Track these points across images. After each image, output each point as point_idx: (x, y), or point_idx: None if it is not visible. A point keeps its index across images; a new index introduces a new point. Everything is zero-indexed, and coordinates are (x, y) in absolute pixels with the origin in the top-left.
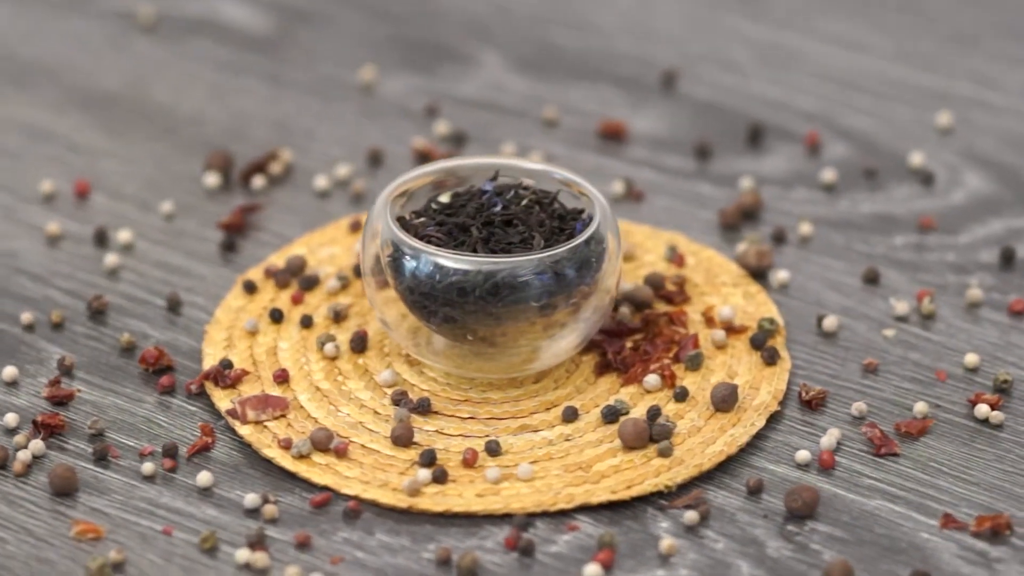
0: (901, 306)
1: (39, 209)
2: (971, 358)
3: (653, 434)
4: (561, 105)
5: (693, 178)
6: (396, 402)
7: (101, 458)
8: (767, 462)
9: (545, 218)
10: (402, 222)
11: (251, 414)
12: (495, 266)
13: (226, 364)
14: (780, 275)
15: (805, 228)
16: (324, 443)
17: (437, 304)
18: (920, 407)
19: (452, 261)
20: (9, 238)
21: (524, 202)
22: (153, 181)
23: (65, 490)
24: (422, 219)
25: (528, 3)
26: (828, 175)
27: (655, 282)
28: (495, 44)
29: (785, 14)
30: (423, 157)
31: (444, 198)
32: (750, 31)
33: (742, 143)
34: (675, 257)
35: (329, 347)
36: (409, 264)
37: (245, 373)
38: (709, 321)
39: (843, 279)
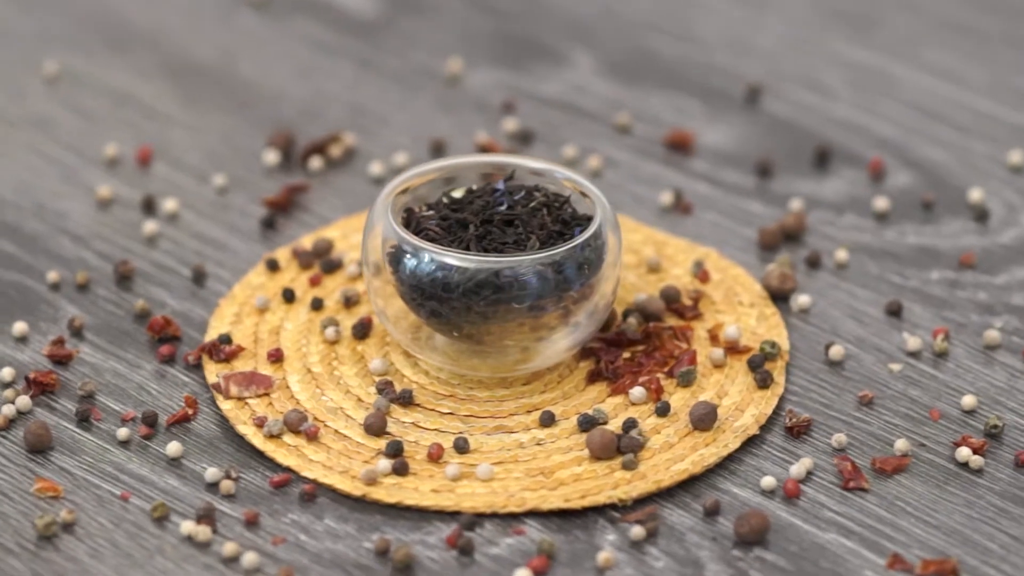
0: (913, 341)
1: (99, 172)
2: (968, 400)
3: (621, 446)
4: (638, 112)
5: (747, 195)
6: (380, 391)
7: (83, 419)
8: (733, 485)
9: (549, 221)
10: (410, 213)
11: (234, 390)
12: (480, 264)
13: (224, 339)
14: (801, 299)
15: (841, 255)
16: (295, 425)
17: (424, 297)
18: (900, 444)
19: (441, 256)
20: (63, 198)
21: (532, 204)
22: (216, 154)
23: (38, 447)
24: (430, 212)
25: (637, 8)
26: (881, 203)
27: (670, 295)
28: (591, 46)
29: (890, 40)
30: (484, 152)
31: (457, 193)
32: (849, 54)
33: (808, 164)
34: (700, 272)
35: (330, 331)
36: (402, 257)
37: (241, 349)
38: (714, 339)
39: (866, 309)
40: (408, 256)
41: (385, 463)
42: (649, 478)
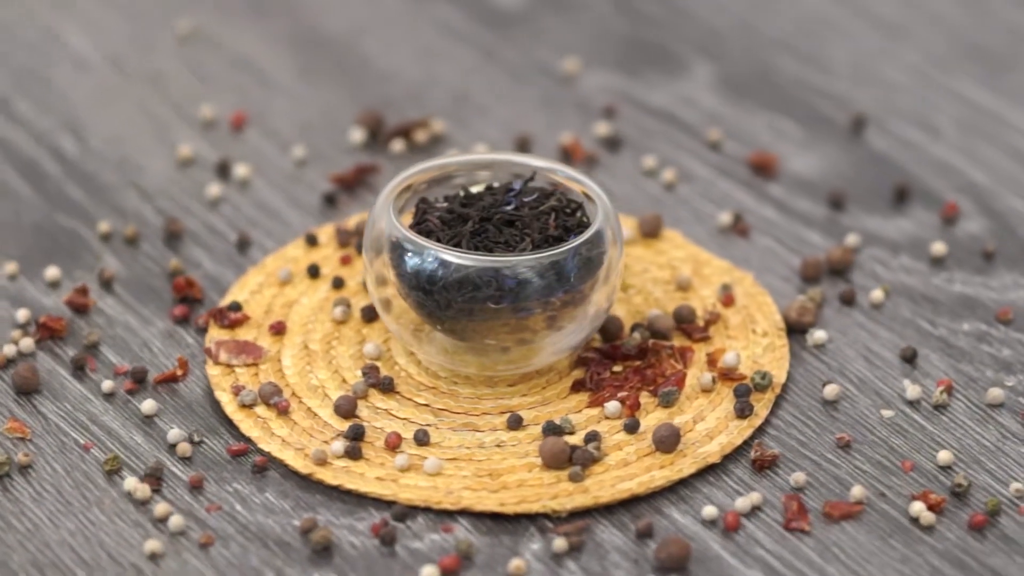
0: (913, 390)
1: (191, 132)
2: (944, 455)
3: (574, 458)
4: (735, 129)
5: (811, 225)
6: (364, 375)
7: (78, 368)
8: (676, 510)
9: (552, 226)
10: (425, 204)
11: (224, 356)
12: (463, 261)
13: (234, 306)
14: (817, 335)
15: (877, 295)
16: (267, 397)
17: (409, 288)
18: (856, 491)
19: (428, 250)
20: (147, 153)
21: (541, 207)
22: (308, 126)
23: (24, 389)
24: (443, 204)
25: (774, 25)
26: (938, 248)
27: (682, 315)
28: (715, 58)
29: (1017, 85)
30: (566, 154)
31: (476, 188)
32: (969, 93)
33: (885, 200)
34: (724, 296)
35: (338, 311)
36: (396, 248)
37: (246, 318)
38: (711, 363)
39: (882, 352)
40: (401, 247)
41: (339, 445)
42: (591, 493)
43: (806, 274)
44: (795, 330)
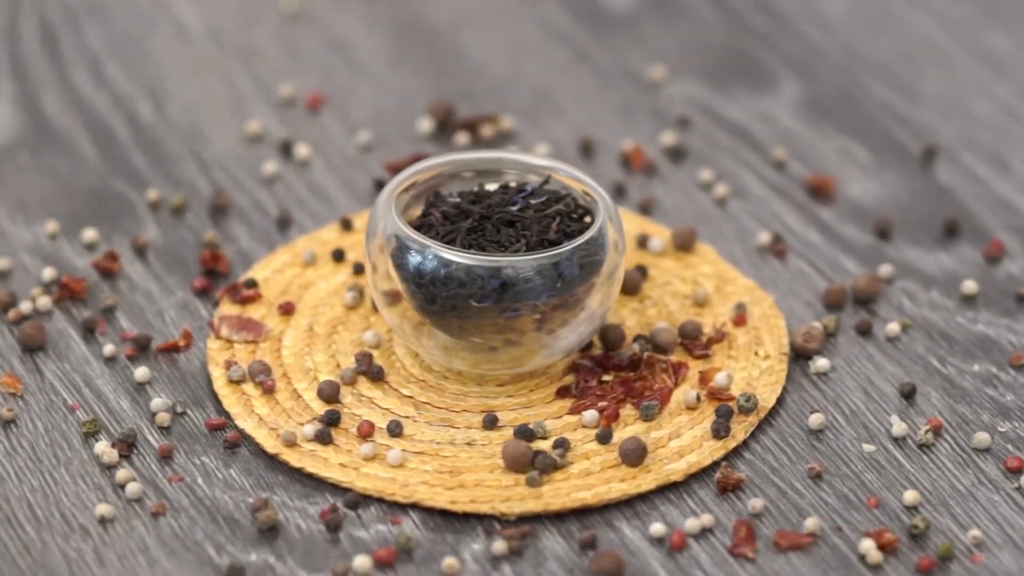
0: (899, 427)
1: (267, 108)
2: (911, 495)
3: (536, 463)
4: (802, 150)
5: (850, 252)
6: (357, 361)
7: (88, 330)
8: (626, 525)
9: (554, 229)
10: (436, 196)
11: (225, 331)
12: (452, 257)
13: (249, 283)
14: (820, 362)
15: (893, 328)
16: (255, 375)
17: (401, 279)
18: (810, 523)
19: (421, 243)
20: (218, 126)
21: (547, 211)
22: (383, 113)
23: (29, 346)
24: (456, 199)
25: (877, 49)
26: (969, 286)
27: (687, 330)
28: (807, 78)
29: None
30: (625, 160)
31: (492, 186)
32: None
33: (934, 234)
34: (736, 315)
35: (349, 296)
36: (393, 239)
37: (258, 296)
38: (703, 382)
39: (882, 386)
40: (397, 240)
41: (310, 428)
42: (544, 499)
43: (828, 301)
44: (800, 356)
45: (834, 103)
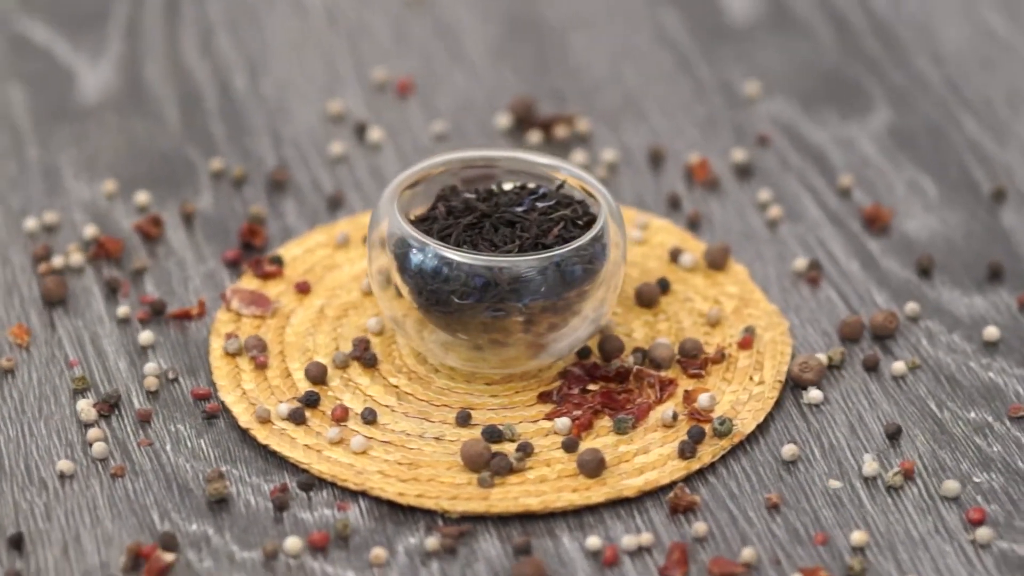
0: (871, 466)
1: (357, 89)
2: (859, 536)
3: (492, 464)
4: (871, 179)
5: (884, 287)
6: (354, 346)
7: (112, 290)
8: (568, 535)
9: (554, 234)
10: (453, 190)
11: (235, 303)
12: (441, 252)
13: (275, 259)
14: (812, 394)
15: (898, 367)
16: (249, 350)
17: (396, 270)
18: (746, 554)
19: (415, 237)
20: (304, 103)
21: (553, 214)
22: (468, 104)
23: (48, 299)
24: (470, 196)
25: (984, 86)
26: (991, 332)
27: (686, 348)
28: (900, 107)
29: None
30: (689, 173)
31: (508, 185)
32: None
33: (977, 276)
34: (743, 338)
35: (366, 282)
36: (393, 232)
37: (279, 272)
38: (687, 400)
39: (871, 424)
40: (394, 232)
41: (284, 407)
42: (490, 501)
43: (843, 333)
44: (796, 385)
45: (919, 135)
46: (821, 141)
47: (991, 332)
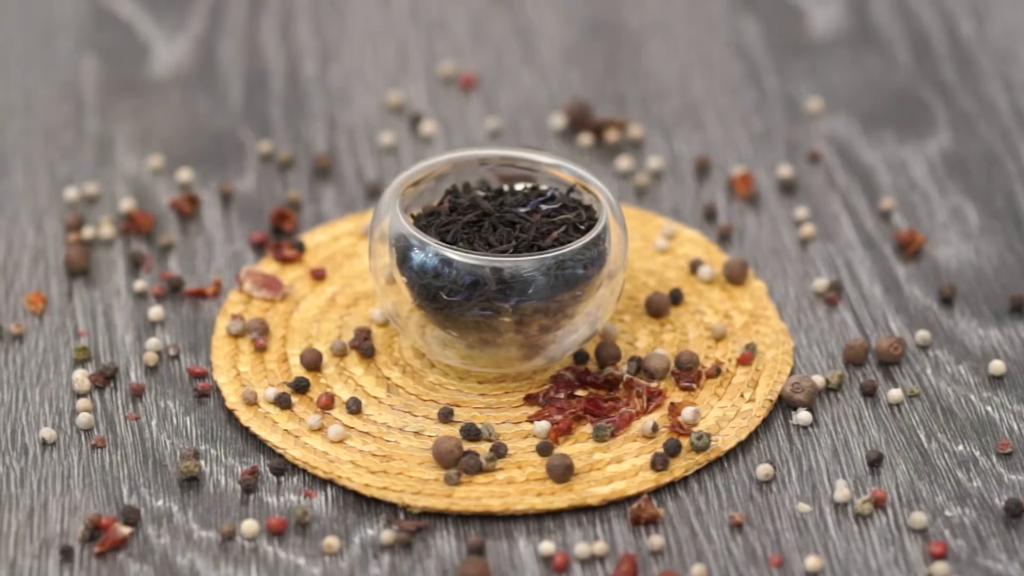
0: (842, 493)
1: (422, 81)
2: (813, 562)
3: (461, 462)
4: (914, 203)
5: (900, 311)
6: (354, 335)
7: (136, 264)
8: (524, 539)
9: (553, 237)
10: (466, 187)
11: (248, 285)
12: (434, 247)
13: (296, 245)
14: (801, 415)
15: (895, 394)
16: (250, 331)
17: (394, 263)
18: (696, 570)
19: (413, 233)
20: (367, 92)
21: (556, 218)
22: (529, 104)
23: (71, 269)
24: (478, 193)
25: None
26: (996, 366)
27: (681, 361)
28: (961, 133)
29: None
30: (730, 186)
31: (520, 185)
32: None
33: (999, 308)
34: (743, 354)
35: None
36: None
37: (297, 258)
38: (672, 412)
39: (856, 450)
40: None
41: (272, 391)
42: (452, 499)
43: (847, 356)
44: (788, 405)
45: (973, 162)
46: (873, 162)
47: (997, 366)
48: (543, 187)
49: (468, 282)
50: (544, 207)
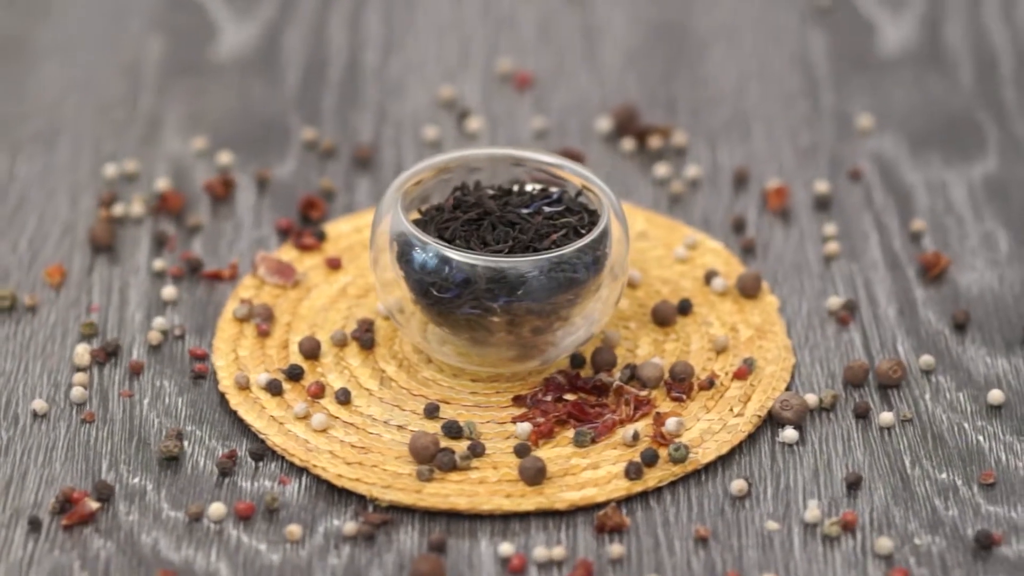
0: (813, 513)
1: (478, 77)
2: None
3: (436, 458)
4: (947, 227)
5: (910, 335)
6: (357, 326)
7: (159, 243)
8: (487, 539)
9: (552, 240)
10: (477, 185)
11: (262, 270)
12: (430, 243)
13: (318, 233)
14: (787, 433)
15: (886, 418)
16: (255, 316)
17: (394, 258)
18: None
19: (410, 230)
20: (423, 86)
21: (558, 221)
22: (578, 105)
23: (95, 245)
24: (487, 191)
25: None
26: (995, 396)
27: (675, 371)
28: (1010, 158)
29: None
30: (764, 198)
31: (530, 186)
32: None
33: (1011, 338)
34: (739, 368)
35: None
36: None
37: (316, 246)
38: (657, 422)
39: (837, 471)
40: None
41: (264, 377)
42: (422, 494)
43: (847, 377)
44: (776, 422)
45: (1015, 188)
46: (913, 183)
47: (995, 395)
48: (553, 189)
49: (459, 279)
50: (547, 209)
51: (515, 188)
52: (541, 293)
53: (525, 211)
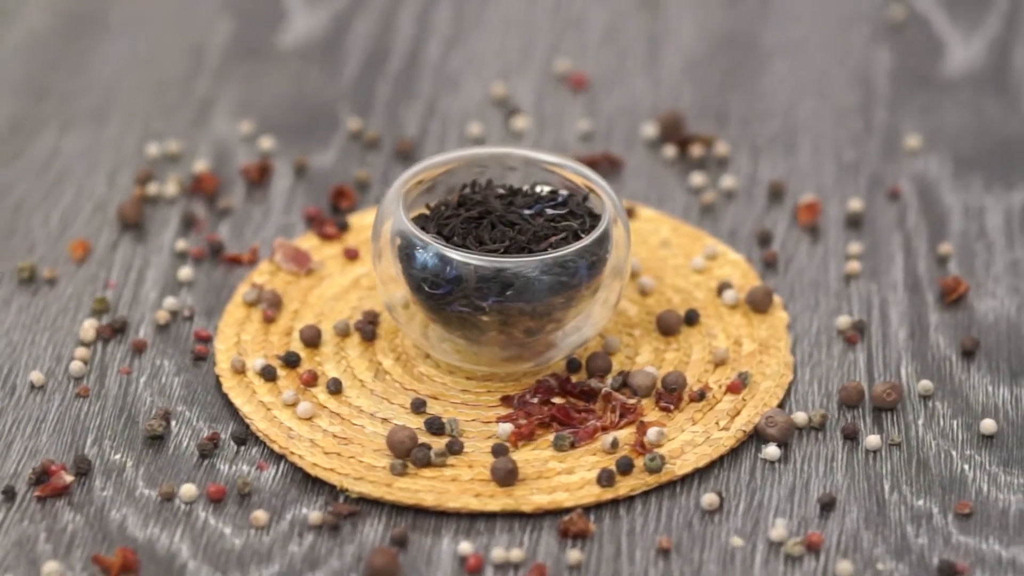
0: (779, 531)
1: (536, 75)
2: None
3: (412, 453)
4: (975, 251)
5: (917, 359)
6: (363, 316)
7: (187, 224)
8: (449, 536)
9: (551, 242)
10: (489, 183)
11: (279, 256)
12: (427, 240)
13: (340, 223)
14: (769, 450)
15: (872, 441)
16: (263, 301)
17: (394, 256)
18: None
19: (409, 228)
20: (479, 81)
21: (559, 223)
22: (630, 110)
23: (123, 222)
24: (494, 192)
25: None
26: (988, 426)
27: (666, 381)
28: None
29: None
30: (795, 213)
31: (540, 188)
32: None
33: (1017, 369)
34: (733, 382)
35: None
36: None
37: (337, 236)
38: (640, 431)
39: (812, 491)
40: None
41: (259, 362)
42: (391, 488)
43: (841, 397)
44: (761, 439)
45: None
46: (950, 205)
47: (987, 425)
48: (561, 192)
49: (451, 277)
50: (550, 211)
51: (525, 188)
52: (531, 295)
53: (527, 212)
